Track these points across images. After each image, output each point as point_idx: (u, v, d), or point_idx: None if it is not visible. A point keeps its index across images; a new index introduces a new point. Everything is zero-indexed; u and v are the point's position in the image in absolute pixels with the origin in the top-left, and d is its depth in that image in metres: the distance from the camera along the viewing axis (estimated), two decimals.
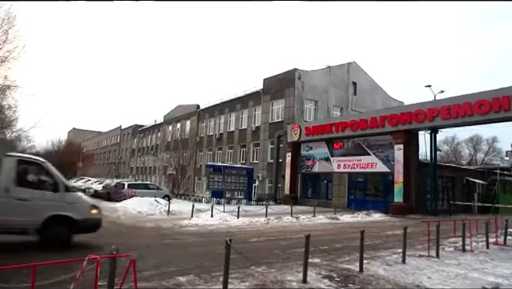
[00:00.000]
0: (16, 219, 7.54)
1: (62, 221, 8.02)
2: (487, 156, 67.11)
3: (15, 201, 7.56)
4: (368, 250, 8.47)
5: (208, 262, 5.73)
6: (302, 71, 32.24)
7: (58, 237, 7.90)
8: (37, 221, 7.71)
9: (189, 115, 48.13)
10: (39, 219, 7.73)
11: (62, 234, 7.97)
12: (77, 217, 8.15)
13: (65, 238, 8.05)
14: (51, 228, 7.82)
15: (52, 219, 7.88)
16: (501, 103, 18.13)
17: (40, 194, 7.95)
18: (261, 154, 34.55)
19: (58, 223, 7.96)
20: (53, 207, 7.99)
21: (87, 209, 8.55)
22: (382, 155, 24.00)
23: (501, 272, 7.22)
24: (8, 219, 7.42)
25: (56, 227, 7.90)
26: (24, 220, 7.65)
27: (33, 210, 7.75)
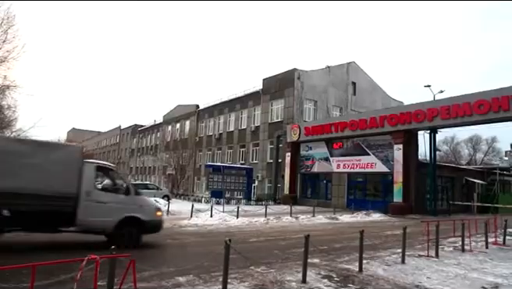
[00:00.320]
0: (97, 219, 8.30)
1: (133, 222, 8.68)
2: (486, 156, 67.18)
3: (95, 204, 8.33)
4: (367, 250, 8.47)
5: (207, 262, 5.73)
6: (301, 71, 32.25)
7: (131, 237, 8.51)
8: (114, 222, 8.43)
9: (188, 115, 48.12)
10: (115, 220, 8.46)
11: (133, 234, 8.63)
12: (145, 218, 8.86)
13: (136, 238, 8.67)
14: (124, 229, 8.52)
15: (125, 220, 8.58)
16: (500, 103, 18.15)
17: (115, 197, 8.74)
18: (261, 154, 34.55)
19: (130, 224, 8.63)
20: (126, 209, 8.73)
21: (153, 211, 9.31)
22: (381, 155, 24.01)
23: (500, 272, 7.22)
24: (92, 220, 8.22)
25: (128, 228, 8.59)
26: (103, 221, 8.37)
27: (110, 212, 8.49)
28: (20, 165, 7.62)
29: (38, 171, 7.73)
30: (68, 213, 7.98)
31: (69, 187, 8.08)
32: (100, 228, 8.47)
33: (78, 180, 8.22)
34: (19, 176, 7.55)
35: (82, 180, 8.28)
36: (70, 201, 8.04)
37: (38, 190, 7.66)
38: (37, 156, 7.89)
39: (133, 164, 63.83)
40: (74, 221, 8.07)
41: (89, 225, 8.26)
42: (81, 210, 8.12)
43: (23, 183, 7.52)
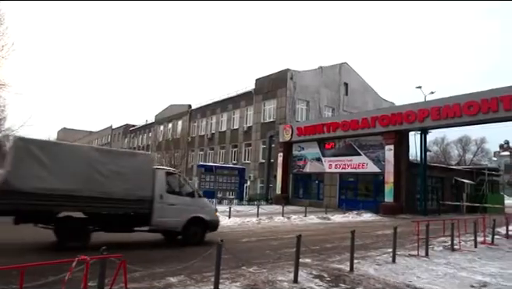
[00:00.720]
0: (168, 220, 9.28)
1: (198, 222, 9.72)
2: (475, 157, 68.10)
3: (166, 206, 9.27)
4: (358, 250, 8.53)
5: (198, 262, 5.72)
6: (294, 71, 32.32)
7: (196, 236, 9.61)
8: (182, 222, 9.45)
9: (180, 115, 47.93)
10: (183, 220, 9.48)
11: (198, 233, 9.70)
12: (207, 218, 9.96)
13: (201, 236, 9.75)
14: (190, 228, 9.54)
15: (191, 220, 9.61)
16: (489, 104, 18.40)
17: (183, 199, 9.75)
18: (253, 154, 34.56)
19: (195, 224, 9.66)
20: (192, 210, 9.75)
21: (213, 212, 10.57)
22: (372, 155, 24.18)
23: (489, 271, 7.33)
24: (164, 220, 9.21)
25: (194, 227, 9.64)
26: (174, 221, 9.36)
27: (180, 213, 9.49)
28: (104, 173, 8.45)
29: (119, 178, 8.60)
30: (144, 215, 8.94)
31: (146, 191, 8.97)
32: (170, 227, 9.48)
33: (152, 184, 9.14)
34: (104, 182, 8.38)
35: (155, 185, 9.20)
36: (146, 203, 8.94)
37: (120, 194, 8.54)
38: (117, 164, 8.76)
39: None
40: (150, 221, 9.02)
41: (162, 225, 9.29)
42: (155, 212, 9.05)
43: (107, 189, 8.39)
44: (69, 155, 8.38)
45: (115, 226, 8.91)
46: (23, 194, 7.48)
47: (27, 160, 7.71)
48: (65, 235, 8.11)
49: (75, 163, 8.24)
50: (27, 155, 7.73)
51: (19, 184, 7.47)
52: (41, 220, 8.25)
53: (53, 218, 8.24)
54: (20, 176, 7.55)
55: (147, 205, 8.94)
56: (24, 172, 7.60)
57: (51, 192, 7.75)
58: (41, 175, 7.73)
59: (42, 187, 7.66)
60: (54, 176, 7.86)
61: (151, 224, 9.05)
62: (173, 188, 9.82)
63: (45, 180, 7.73)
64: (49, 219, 8.24)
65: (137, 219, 9.00)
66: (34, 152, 7.81)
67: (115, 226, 8.92)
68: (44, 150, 8.07)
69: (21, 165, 7.64)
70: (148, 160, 9.90)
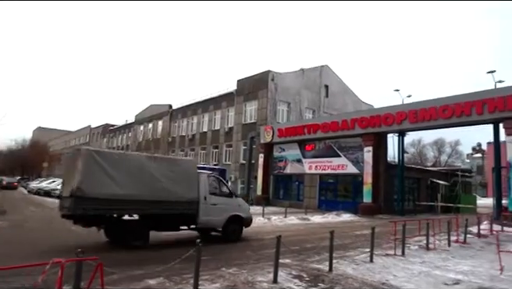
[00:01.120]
0: (212, 218, 10.32)
1: (236, 219, 10.83)
2: (450, 158, 70.22)
3: (210, 206, 10.28)
4: (337, 250, 8.66)
5: (178, 263, 5.67)
6: (275, 73, 32.49)
7: (235, 233, 10.69)
8: (223, 220, 10.52)
9: (161, 115, 47.42)
10: (224, 218, 10.54)
11: (236, 230, 10.82)
12: (244, 216, 11.14)
13: (239, 233, 10.89)
14: (230, 226, 10.60)
15: (230, 218, 10.66)
16: (463, 108, 19.00)
17: (222, 199, 10.75)
18: (234, 155, 34.53)
19: (234, 221, 10.74)
20: (230, 209, 10.81)
21: (248, 210, 11.66)
22: (352, 156, 24.55)
23: (461, 269, 7.57)
24: (209, 219, 10.25)
25: (233, 225, 10.71)
26: (216, 220, 10.44)
27: (221, 212, 10.53)
28: (160, 178, 9.33)
29: (172, 182, 9.51)
30: (192, 215, 9.94)
31: (193, 193, 9.95)
32: (213, 226, 10.59)
33: (197, 187, 10.08)
34: (159, 187, 9.25)
35: (200, 187, 10.14)
36: (194, 205, 9.92)
37: (172, 197, 9.45)
38: (170, 170, 9.69)
39: None
40: (196, 221, 10.06)
41: (206, 223, 10.32)
42: (201, 212, 10.05)
43: (162, 192, 9.26)
44: (129, 164, 9.19)
45: (167, 226, 9.93)
46: (92, 199, 8.21)
47: (95, 169, 8.40)
48: (129, 235, 8.96)
49: (134, 170, 9.04)
50: (95, 164, 8.43)
51: (88, 191, 8.17)
52: (105, 223, 9.12)
53: (115, 220, 9.14)
54: (90, 184, 8.23)
55: (194, 206, 9.94)
56: (92, 180, 8.30)
57: (115, 197, 8.57)
58: (106, 182, 8.49)
59: (107, 193, 8.44)
60: (117, 182, 8.63)
61: (197, 223, 10.13)
62: (214, 190, 10.77)
63: (110, 187, 8.50)
64: (111, 222, 9.12)
65: (185, 219, 10.03)
66: (100, 162, 8.52)
67: (166, 226, 9.94)
68: (108, 159, 8.80)
69: (90, 174, 8.31)
70: (194, 165, 10.84)
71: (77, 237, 9.95)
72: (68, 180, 8.94)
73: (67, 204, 8.46)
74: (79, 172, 8.23)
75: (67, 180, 9.05)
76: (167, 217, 9.68)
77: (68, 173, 9.15)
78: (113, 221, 9.13)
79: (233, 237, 10.54)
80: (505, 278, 6.87)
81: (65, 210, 8.65)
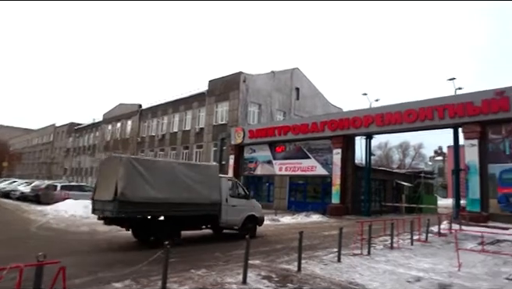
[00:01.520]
0: (232, 218, 11.41)
1: (251, 219, 12.04)
2: (414, 161, 73.06)
3: (231, 207, 11.37)
4: (306, 250, 8.78)
5: (146, 266, 5.57)
6: (247, 74, 32.57)
7: (251, 231, 11.52)
8: (241, 220, 11.68)
9: (130, 114, 46.34)
10: (242, 218, 11.72)
11: (252, 228, 11.92)
12: (258, 215, 12.42)
13: (254, 231, 12.03)
14: (246, 224, 11.72)
15: (247, 217, 11.86)
16: (426, 113, 19.83)
17: (240, 201, 11.92)
18: (204, 156, 34.28)
19: (250, 221, 11.94)
20: (247, 210, 12.05)
21: (261, 210, 12.82)
22: (321, 158, 25.02)
23: (423, 267, 7.89)
24: (229, 219, 11.32)
25: (249, 223, 11.86)
26: (236, 219, 11.55)
27: (239, 212, 11.70)
28: (189, 182, 10.27)
29: (199, 186, 10.51)
30: (215, 215, 10.94)
31: (216, 196, 10.94)
32: (233, 225, 11.56)
33: (219, 190, 11.10)
34: (189, 190, 10.19)
35: (222, 190, 11.18)
36: (217, 206, 10.94)
37: (199, 199, 10.47)
38: (198, 174, 10.65)
39: (68, 165, 59.91)
40: (218, 221, 11.04)
41: (227, 223, 11.36)
42: (223, 212, 11.08)
43: (191, 195, 10.23)
44: (161, 169, 10.02)
45: (194, 225, 11.02)
46: (133, 203, 8.96)
47: (134, 175, 9.17)
48: (162, 235, 9.23)
49: (166, 175, 9.89)
50: (134, 170, 9.19)
51: (130, 196, 8.89)
52: (141, 224, 9.86)
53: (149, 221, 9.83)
54: (131, 189, 8.95)
55: (217, 208, 10.96)
56: (133, 185, 9.05)
57: (152, 200, 9.34)
58: (144, 187, 9.26)
59: (145, 196, 9.21)
60: (152, 187, 9.42)
61: (219, 223, 11.11)
62: (233, 192, 11.91)
63: (147, 191, 9.27)
64: (147, 223, 9.84)
65: (209, 219, 11.00)
66: (138, 168, 9.30)
67: (193, 226, 11.02)
68: (144, 165, 9.55)
69: (131, 180, 9.05)
70: (216, 170, 11.76)
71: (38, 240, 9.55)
72: (106, 184, 9.46)
73: (109, 207, 9.02)
74: (121, 178, 8.93)
75: (104, 184, 9.60)
76: (194, 217, 10.67)
77: (105, 178, 9.72)
78: (148, 222, 9.85)
79: (250, 234, 10.62)
80: (462, 274, 7.22)
81: (106, 213, 9.28)
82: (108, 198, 9.10)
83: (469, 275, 7.22)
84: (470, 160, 18.25)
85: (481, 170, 17.83)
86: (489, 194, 17.61)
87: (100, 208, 9.61)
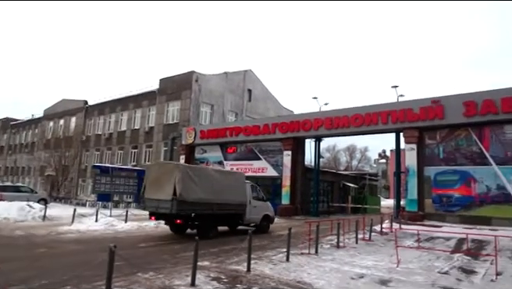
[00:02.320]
0: (253, 217, 13.77)
1: (266, 217, 14.50)
2: (360, 163, 76.71)
3: (253, 208, 13.77)
4: (255, 250, 8.87)
5: (89, 271, 5.29)
6: (199, 74, 32.24)
7: (266, 227, 14.34)
8: (259, 218, 14.12)
9: (75, 111, 43.91)
10: (260, 216, 14.16)
11: (266, 226, 14.50)
12: (271, 215, 14.94)
13: (267, 227, 14.51)
14: (262, 222, 14.20)
15: (263, 216, 14.30)
16: (371, 118, 20.91)
17: (259, 203, 14.34)
18: (154, 156, 33.38)
19: (265, 219, 14.41)
20: (264, 210, 14.54)
21: (272, 210, 15.34)
22: (272, 160, 25.42)
23: (366, 264, 8.30)
24: (251, 217, 13.68)
25: (264, 221, 14.35)
26: (256, 218, 13.94)
27: (258, 212, 14.12)
28: (224, 186, 12.46)
29: (231, 189, 12.78)
30: (241, 214, 13.24)
31: (243, 198, 13.28)
32: (253, 222, 13.77)
33: (245, 193, 13.46)
34: (224, 192, 12.37)
35: (246, 193, 13.54)
36: (243, 206, 13.26)
37: (231, 200, 12.73)
38: (230, 180, 13.19)
39: (2, 163, 55.43)
40: (243, 219, 13.36)
41: (249, 221, 13.62)
42: (247, 212, 13.43)
43: (225, 197, 12.43)
44: (206, 175, 12.31)
45: (225, 222, 13.34)
46: (187, 203, 10.97)
47: (188, 180, 11.16)
48: (204, 229, 11.63)
49: (209, 181, 12.08)
50: (187, 176, 11.19)
51: (186, 196, 10.90)
52: (189, 220, 11.64)
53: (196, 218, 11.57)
54: (186, 191, 10.94)
55: (243, 208, 13.27)
56: (187, 188, 11.02)
57: (199, 201, 11.39)
58: (194, 189, 11.30)
59: (194, 197, 11.24)
60: (200, 189, 11.48)
61: (243, 220, 13.42)
62: (255, 195, 14.26)
63: (197, 193, 11.36)
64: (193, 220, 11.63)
65: (236, 217, 13.22)
66: (190, 174, 11.39)
67: (225, 223, 13.36)
68: (194, 172, 11.76)
69: (186, 184, 11.00)
70: (243, 176, 14.38)
71: None
72: (159, 186, 11.25)
73: (167, 205, 10.84)
74: (179, 182, 10.81)
75: (157, 186, 11.35)
76: (226, 215, 12.75)
77: (158, 180, 11.46)
78: (195, 218, 11.56)
79: (264, 230, 14.10)
80: (400, 270, 7.70)
81: (163, 210, 11.09)
82: (165, 197, 10.90)
83: (406, 270, 7.71)
84: (409, 163, 19.51)
85: (419, 173, 19.16)
86: (425, 195, 18.95)
87: (154, 205, 11.38)
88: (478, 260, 9.24)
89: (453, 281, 6.91)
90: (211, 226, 12.08)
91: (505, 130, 17.42)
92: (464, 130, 18.47)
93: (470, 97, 17.99)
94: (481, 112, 17.48)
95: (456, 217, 17.79)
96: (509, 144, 17.29)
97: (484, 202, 17.36)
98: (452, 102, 18.37)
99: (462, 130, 18.51)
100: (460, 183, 18.16)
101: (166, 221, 12.45)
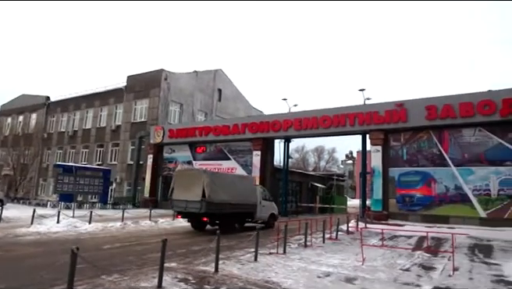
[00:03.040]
0: (262, 215, 15.85)
1: (272, 215, 16.62)
2: (328, 164, 78.23)
3: (262, 207, 15.86)
4: (223, 251, 8.84)
5: (49, 274, 5.07)
6: (169, 72, 31.75)
7: (272, 224, 15.88)
8: (267, 216, 16.22)
9: (35, 107, 41.97)
10: (268, 215, 16.26)
11: (273, 222, 16.06)
12: (276, 213, 17.12)
13: (273, 224, 15.72)
14: (269, 219, 16.24)
15: (270, 214, 16.47)
16: (339, 119, 21.38)
17: (267, 203, 16.47)
18: (121, 155, 32.54)
19: (271, 217, 16.48)
20: (271, 209, 16.75)
21: (277, 209, 17.65)
22: (241, 160, 25.43)
23: (332, 263, 8.47)
24: (261, 215, 15.74)
25: (271, 219, 16.35)
26: (264, 216, 16.01)
27: (266, 210, 16.24)
28: (240, 189, 14.64)
29: (245, 191, 14.91)
30: (253, 213, 15.29)
31: (254, 199, 15.37)
32: (262, 219, 15.79)
33: (255, 195, 15.53)
34: (240, 194, 14.47)
35: (257, 195, 15.64)
36: (254, 206, 15.33)
37: (245, 201, 14.75)
38: (244, 183, 15.55)
39: None
40: (254, 217, 15.37)
41: (259, 218, 15.59)
42: (258, 211, 15.49)
43: (241, 198, 14.46)
44: (225, 180, 14.73)
45: (240, 219, 15.10)
46: (213, 203, 12.87)
47: (213, 183, 13.07)
48: (226, 225, 13.28)
49: (228, 184, 14.28)
50: (212, 180, 13.11)
51: (213, 198, 12.84)
52: (213, 218, 13.55)
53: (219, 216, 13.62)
54: (213, 193, 12.87)
55: (254, 207, 15.37)
56: (213, 191, 12.94)
57: (222, 201, 13.30)
58: (218, 192, 13.22)
59: (219, 198, 13.14)
60: (222, 192, 13.44)
61: (254, 218, 15.42)
62: (263, 196, 16.35)
63: (220, 195, 13.27)
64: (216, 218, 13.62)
65: (249, 215, 15.26)
66: (214, 179, 13.47)
67: (239, 220, 15.03)
68: (217, 177, 14.21)
69: (212, 187, 12.92)
70: (254, 180, 17.40)
71: None
72: (188, 189, 13.12)
73: (197, 205, 12.76)
74: (207, 186, 12.79)
75: (185, 189, 13.22)
76: (242, 214, 14.84)
77: (185, 184, 13.35)
78: (218, 217, 13.57)
79: (272, 226, 15.74)
80: (365, 268, 7.93)
81: (192, 209, 12.98)
82: (194, 198, 12.79)
83: (371, 268, 7.94)
84: (375, 164, 20.12)
85: (384, 173, 19.81)
86: (389, 195, 19.63)
87: (182, 205, 13.29)
88: (437, 257, 9.67)
89: (413, 277, 7.19)
90: (230, 222, 13.91)
91: (462, 133, 18.35)
92: (425, 133, 19.30)
93: (431, 101, 18.81)
94: (441, 115, 18.33)
95: (418, 216, 18.54)
96: (466, 146, 18.23)
97: (443, 202, 18.21)
98: (415, 106, 19.14)
99: (424, 132, 19.33)
100: (421, 183, 18.94)
101: (191, 219, 14.33)
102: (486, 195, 17.29)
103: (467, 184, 17.77)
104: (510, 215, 16.60)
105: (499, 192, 17.07)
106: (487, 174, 17.42)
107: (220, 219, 13.57)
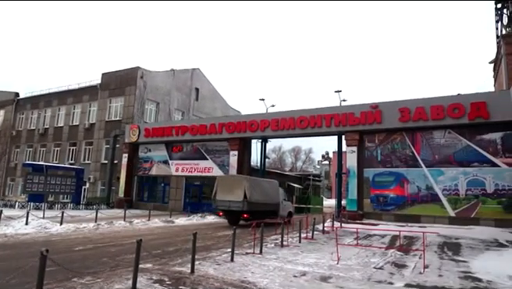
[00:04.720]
0: (283, 213, 18.92)
1: (290, 213, 19.92)
2: (304, 164, 79.01)
3: (283, 206, 19.35)
4: (200, 251, 8.77)
5: (16, 278, 4.85)
6: (145, 70, 31.24)
7: (290, 220, 16.80)
8: (286, 213, 19.19)
9: (3, 103, 40.39)
10: (287, 212, 19.46)
11: (290, 219, 17.53)
12: (292, 211, 20.75)
13: (290, 220, 16.87)
14: (288, 216, 18.64)
15: (289, 212, 19.80)
16: (316, 120, 21.65)
17: (287, 202, 20.25)
18: (94, 154, 31.76)
19: (289, 214, 19.46)
20: (289, 207, 20.49)
21: (293, 207, 21.96)
22: (218, 160, 25.32)
23: (308, 262, 8.56)
24: (282, 213, 18.60)
25: (289, 216, 18.79)
26: (284, 213, 18.88)
27: (286, 209, 19.73)
28: (268, 191, 18.21)
29: (271, 193, 18.46)
30: (276, 211, 18.47)
31: (277, 199, 18.84)
32: (283, 217, 17.23)
33: (278, 195, 19.06)
34: (269, 195, 18.08)
35: (279, 196, 19.19)
36: (278, 206, 18.76)
37: (272, 201, 18.27)
38: (271, 186, 18.78)
39: None
40: (277, 214, 18.15)
41: (281, 215, 17.96)
42: (280, 209, 18.83)
43: (269, 198, 18.02)
44: (258, 183, 17.81)
45: (268, 216, 16.65)
46: (252, 203, 16.22)
47: (251, 187, 16.43)
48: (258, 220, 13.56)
49: (261, 187, 17.66)
50: (250, 184, 16.50)
51: (250, 198, 16.11)
52: (251, 215, 16.18)
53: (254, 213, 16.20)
54: (250, 194, 16.13)
55: (278, 206, 18.69)
56: (252, 192, 16.31)
57: (256, 201, 16.59)
58: (254, 193, 16.51)
59: (255, 199, 16.50)
60: (257, 193, 16.76)
61: (278, 215, 17.76)
62: (284, 197, 19.81)
63: (255, 196, 16.56)
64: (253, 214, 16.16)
65: (273, 213, 17.95)
66: (250, 182, 16.80)
67: (268, 216, 16.45)
68: (253, 181, 17.43)
69: (251, 190, 16.27)
70: (277, 183, 19.85)
71: None
72: (230, 191, 16.41)
73: (239, 205, 16.00)
74: (247, 188, 16.09)
75: (230, 191, 16.41)
76: (269, 211, 17.55)
77: (227, 187, 16.71)
78: (253, 213, 16.16)
79: (290, 221, 16.58)
80: (340, 267, 8.05)
81: (234, 208, 16.15)
82: (237, 199, 16.00)
83: (345, 266, 8.08)
84: (350, 165, 20.50)
85: (359, 174, 20.21)
86: (364, 195, 20.05)
87: (226, 205, 16.40)
88: (408, 255, 9.94)
89: (386, 275, 7.36)
90: (262, 218, 14.72)
91: (433, 135, 18.98)
92: (399, 135, 19.82)
93: (405, 104, 19.34)
94: (414, 118, 18.88)
95: (391, 216, 19.02)
96: (436, 148, 18.85)
97: (415, 202, 18.76)
98: (389, 108, 19.62)
99: (398, 134, 19.85)
100: (395, 184, 19.45)
101: (230, 215, 16.96)
102: (455, 195, 17.94)
103: (437, 185, 18.38)
104: (477, 214, 17.29)
105: (466, 192, 17.75)
106: (456, 175, 18.08)
107: (254, 215, 15.91)
